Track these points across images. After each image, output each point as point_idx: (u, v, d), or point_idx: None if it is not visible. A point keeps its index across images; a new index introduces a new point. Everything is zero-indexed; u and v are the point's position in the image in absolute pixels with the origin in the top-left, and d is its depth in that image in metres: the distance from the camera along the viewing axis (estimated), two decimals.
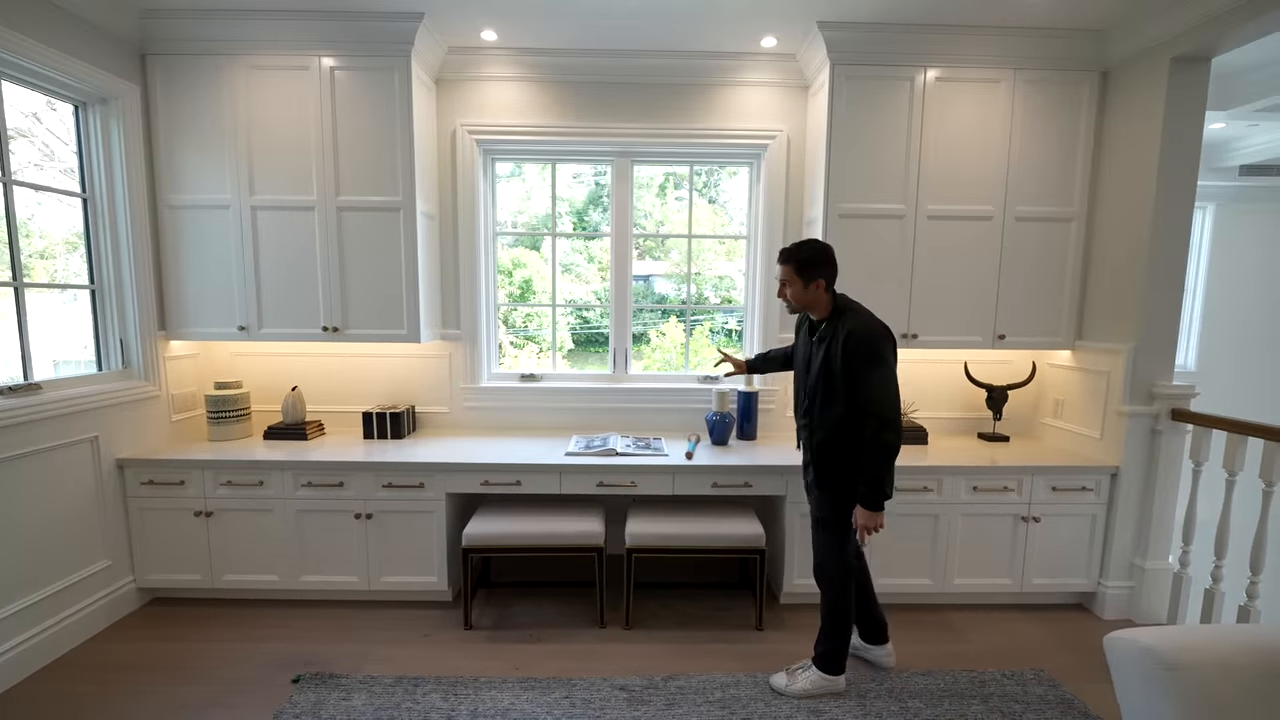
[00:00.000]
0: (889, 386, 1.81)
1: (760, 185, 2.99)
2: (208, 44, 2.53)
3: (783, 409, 3.08)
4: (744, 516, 2.54)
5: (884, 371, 1.81)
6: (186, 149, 2.59)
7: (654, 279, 3.93)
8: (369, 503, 2.50)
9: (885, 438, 1.80)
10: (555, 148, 2.95)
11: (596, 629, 2.46)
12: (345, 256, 2.64)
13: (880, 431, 1.80)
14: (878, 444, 1.81)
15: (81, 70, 2.26)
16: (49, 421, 2.19)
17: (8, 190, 2.15)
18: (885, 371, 1.82)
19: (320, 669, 2.16)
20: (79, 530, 2.32)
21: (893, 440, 1.81)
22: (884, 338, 1.86)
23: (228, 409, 2.77)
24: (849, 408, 1.87)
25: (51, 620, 2.21)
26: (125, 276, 2.51)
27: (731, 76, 2.86)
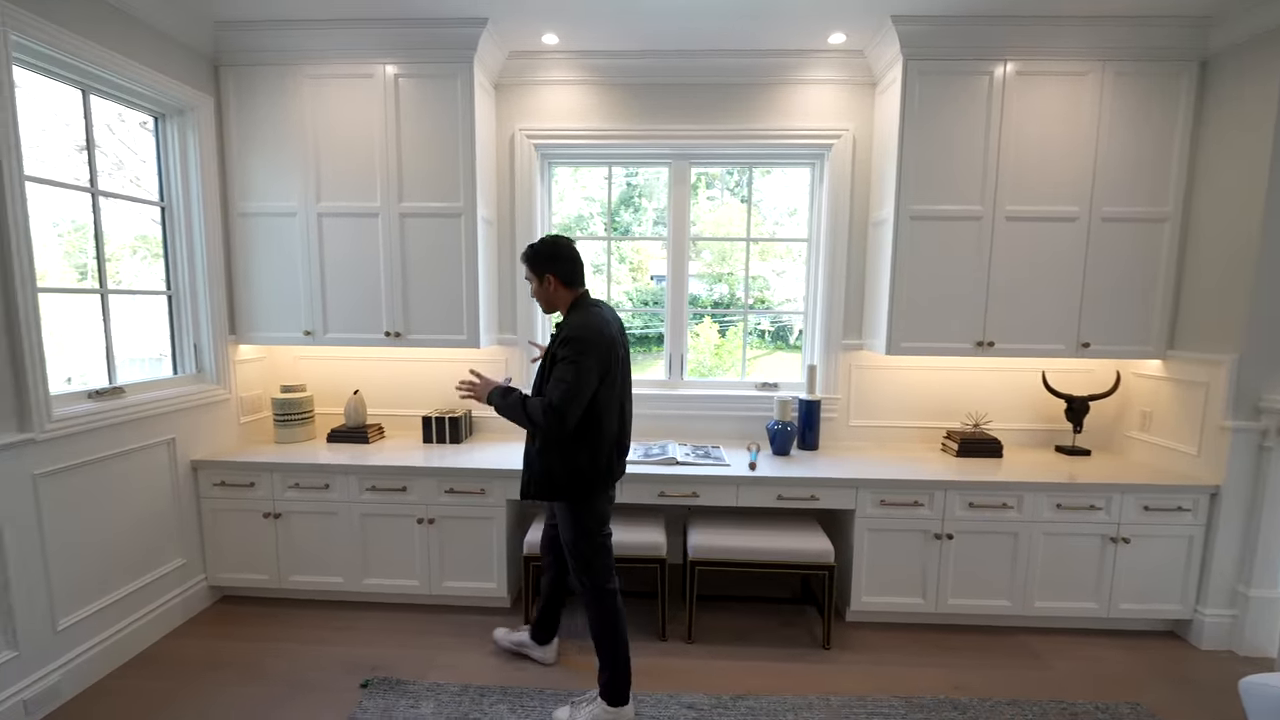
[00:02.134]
0: (573, 384, 1.71)
1: (823, 186, 2.89)
2: (277, 54, 2.58)
3: (845, 418, 2.98)
4: (809, 530, 2.46)
5: (575, 371, 1.71)
6: (256, 157, 2.64)
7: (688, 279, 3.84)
8: (431, 507, 2.51)
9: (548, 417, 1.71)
10: (612, 151, 2.91)
11: (658, 641, 2.41)
12: (407, 262, 2.66)
13: (547, 410, 1.71)
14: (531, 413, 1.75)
15: (162, 83, 2.33)
16: (131, 424, 2.26)
17: (95, 201, 2.22)
18: (570, 373, 1.71)
19: (387, 674, 2.17)
20: (157, 529, 2.39)
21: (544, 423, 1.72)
22: (591, 343, 1.75)
23: (293, 412, 2.82)
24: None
25: (134, 616, 2.28)
26: (199, 282, 2.58)
27: (794, 75, 2.78)
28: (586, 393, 1.74)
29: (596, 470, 1.83)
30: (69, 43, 1.97)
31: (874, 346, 2.76)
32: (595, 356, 1.74)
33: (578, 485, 1.82)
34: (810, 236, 3.00)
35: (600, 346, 1.76)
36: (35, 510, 1.92)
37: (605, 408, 1.81)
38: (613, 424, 1.86)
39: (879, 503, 2.41)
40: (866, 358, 2.93)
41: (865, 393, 2.96)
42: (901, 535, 2.44)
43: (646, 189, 3.40)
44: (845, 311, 2.91)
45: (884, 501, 2.41)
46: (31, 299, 1.87)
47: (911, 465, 2.58)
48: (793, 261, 3.22)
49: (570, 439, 1.79)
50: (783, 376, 3.07)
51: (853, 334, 2.93)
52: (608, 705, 1.88)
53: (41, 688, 1.93)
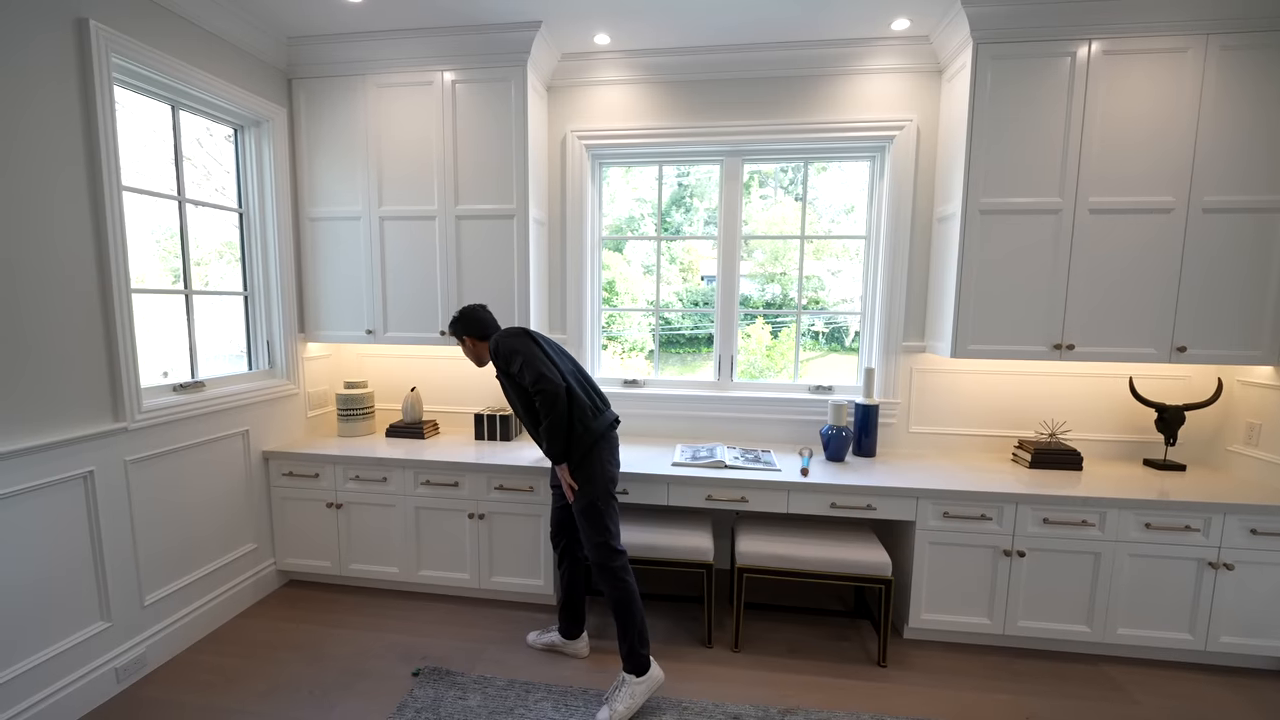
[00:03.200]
0: (527, 359, 1.98)
1: (884, 180, 2.76)
2: (344, 66, 2.70)
3: (905, 423, 2.83)
4: (865, 541, 2.34)
5: (524, 358, 1.98)
6: (324, 165, 2.78)
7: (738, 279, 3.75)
8: (481, 503, 2.56)
9: (545, 394, 1.95)
10: (664, 150, 2.89)
11: (702, 648, 2.36)
12: (462, 263, 2.73)
13: (536, 389, 1.96)
14: (541, 403, 1.97)
15: (242, 97, 2.49)
16: (211, 416, 2.42)
17: (182, 209, 2.39)
18: (519, 355, 1.99)
19: (437, 664, 2.23)
20: (232, 515, 2.55)
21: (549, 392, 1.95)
22: (512, 336, 2.04)
23: (355, 407, 2.95)
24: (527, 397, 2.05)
25: (210, 595, 2.44)
26: (273, 284, 2.74)
27: (853, 65, 2.66)
28: (543, 362, 1.99)
29: (588, 428, 2.04)
30: (162, 62, 2.13)
31: (938, 349, 2.61)
32: (520, 343, 2.02)
33: (583, 443, 2.04)
34: (869, 233, 2.87)
35: (517, 337, 2.04)
36: (126, 493, 2.08)
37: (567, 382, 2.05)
38: (580, 393, 2.08)
39: (942, 515, 2.28)
40: (929, 360, 2.78)
41: (927, 397, 2.80)
42: (967, 550, 2.29)
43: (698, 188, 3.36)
44: (906, 312, 2.76)
45: (948, 514, 2.27)
46: (126, 300, 2.03)
47: (978, 476, 2.42)
48: (849, 260, 3.09)
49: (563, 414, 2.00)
50: (837, 379, 2.95)
51: (914, 336, 2.78)
52: (635, 678, 1.96)
53: (130, 657, 2.09)
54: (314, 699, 2.05)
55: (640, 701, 1.95)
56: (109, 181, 1.96)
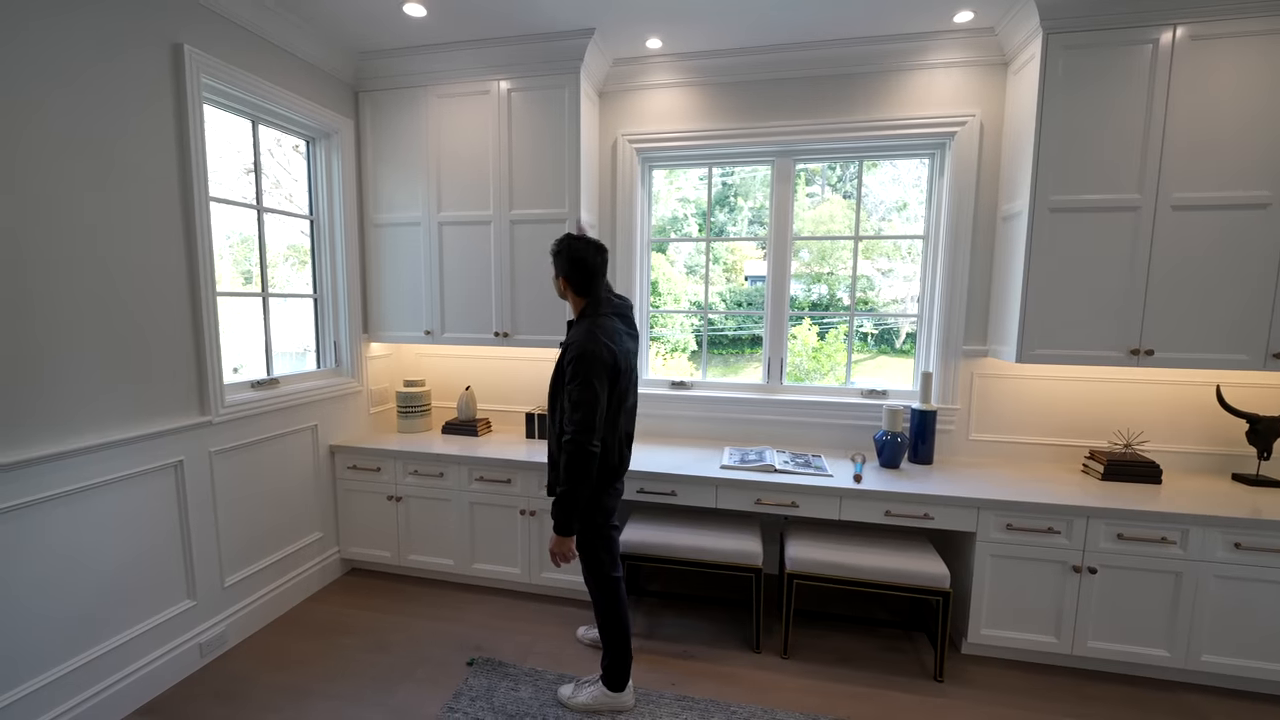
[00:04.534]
0: (588, 407, 1.77)
1: (944, 178, 2.66)
2: (406, 78, 2.82)
3: (964, 430, 2.72)
4: (922, 551, 2.27)
5: (583, 393, 1.78)
6: (387, 173, 2.91)
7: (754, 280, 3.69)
8: (532, 500, 2.62)
9: (576, 457, 1.78)
10: (713, 151, 2.88)
11: (750, 653, 2.34)
12: (516, 267, 2.80)
13: (572, 450, 1.78)
14: (568, 463, 1.79)
15: (316, 111, 2.64)
16: (284, 411, 2.57)
17: (260, 217, 2.56)
18: (585, 394, 1.78)
19: (490, 655, 2.30)
20: (301, 505, 2.71)
21: (581, 459, 1.77)
22: (593, 360, 1.80)
23: (414, 405, 3.07)
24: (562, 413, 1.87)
25: (282, 580, 2.60)
26: (340, 287, 2.89)
27: (913, 60, 2.59)
28: (599, 409, 1.81)
29: (607, 466, 1.92)
30: (245, 81, 2.29)
31: (1001, 353, 2.50)
32: (600, 372, 1.81)
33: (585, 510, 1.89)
34: (927, 233, 2.78)
35: (602, 362, 1.81)
36: (210, 482, 2.24)
37: (615, 410, 1.91)
38: (620, 422, 1.95)
39: (1005, 526, 2.18)
40: (991, 365, 2.66)
41: (989, 404, 2.69)
42: (1032, 565, 2.19)
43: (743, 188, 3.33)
44: (967, 315, 2.66)
45: (1011, 525, 2.17)
46: (212, 302, 2.19)
47: (1045, 487, 2.30)
48: (900, 260, 3.01)
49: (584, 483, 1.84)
50: (889, 383, 2.87)
51: (975, 339, 2.67)
52: (607, 690, 1.99)
53: (212, 634, 2.25)
54: (376, 683, 2.15)
55: (598, 709, 1.98)
56: (198, 192, 2.12)
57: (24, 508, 1.68)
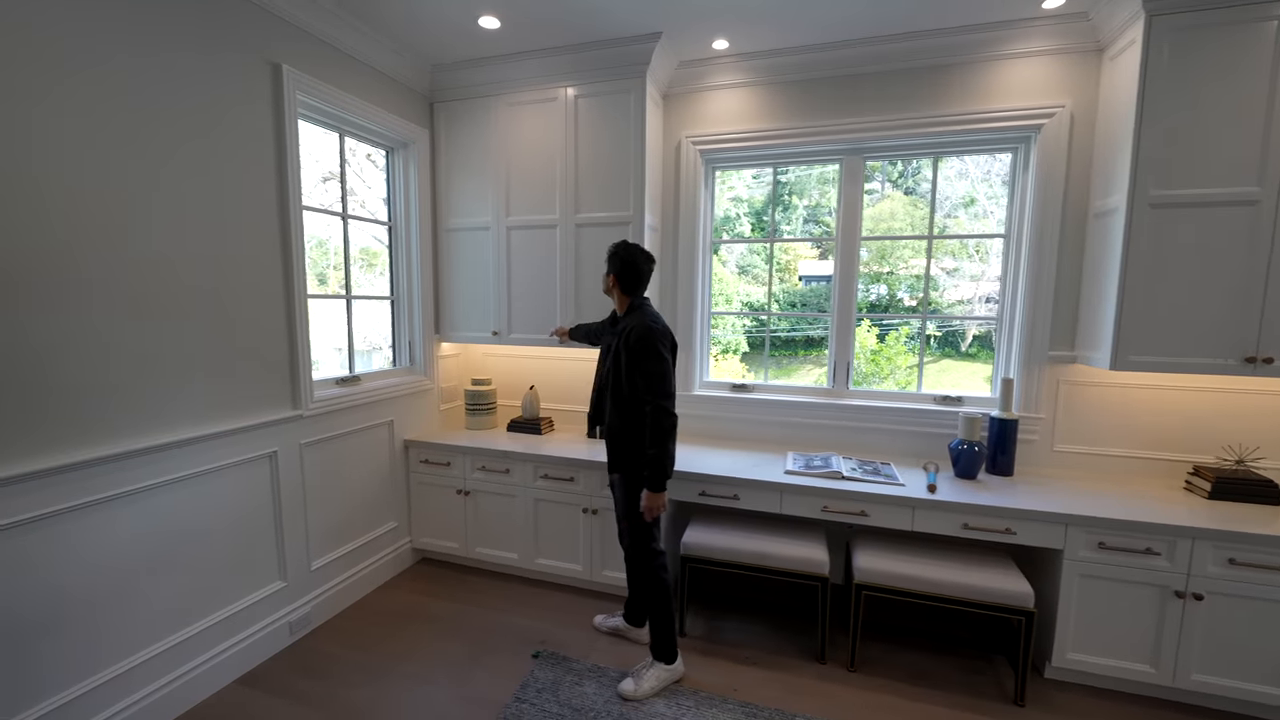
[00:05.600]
0: (664, 377, 2.00)
1: (1029, 173, 2.52)
2: (478, 88, 2.93)
3: (1048, 441, 2.57)
4: (1002, 567, 2.16)
5: (659, 365, 2.00)
6: (459, 180, 3.02)
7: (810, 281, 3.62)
8: (594, 499, 2.66)
9: (663, 421, 1.98)
10: (780, 151, 2.84)
11: (815, 664, 2.29)
12: (580, 269, 2.85)
13: (657, 416, 1.98)
14: (655, 427, 1.99)
15: (395, 122, 2.78)
16: (365, 407, 2.72)
17: (345, 224, 2.72)
18: (660, 365, 2.00)
19: (555, 649, 2.35)
20: (378, 495, 2.85)
21: (667, 423, 1.99)
22: (660, 335, 2.03)
23: (481, 403, 3.18)
24: (634, 397, 2.04)
25: (360, 566, 2.75)
26: (415, 289, 3.03)
27: (994, 50, 2.46)
28: (671, 376, 2.04)
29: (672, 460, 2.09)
30: (334, 96, 2.44)
31: (1093, 360, 2.34)
32: (666, 344, 2.05)
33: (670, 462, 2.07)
34: (1009, 231, 2.64)
35: (668, 336, 2.08)
36: (300, 472, 2.40)
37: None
38: None
39: (1097, 545, 2.04)
40: (1080, 372, 2.50)
41: (1076, 413, 2.52)
42: (1127, 587, 2.04)
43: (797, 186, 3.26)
44: (1054, 318, 2.51)
45: (1104, 544, 2.03)
46: (304, 303, 2.35)
47: (1142, 504, 2.14)
48: (967, 259, 2.87)
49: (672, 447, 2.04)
50: (953, 387, 2.74)
51: (1062, 344, 2.52)
52: (664, 665, 2.12)
53: (299, 614, 2.41)
54: (448, 668, 2.24)
55: (663, 687, 2.09)
56: (293, 200, 2.27)
57: (148, 490, 1.85)
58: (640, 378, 2.03)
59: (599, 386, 2.25)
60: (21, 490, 1.56)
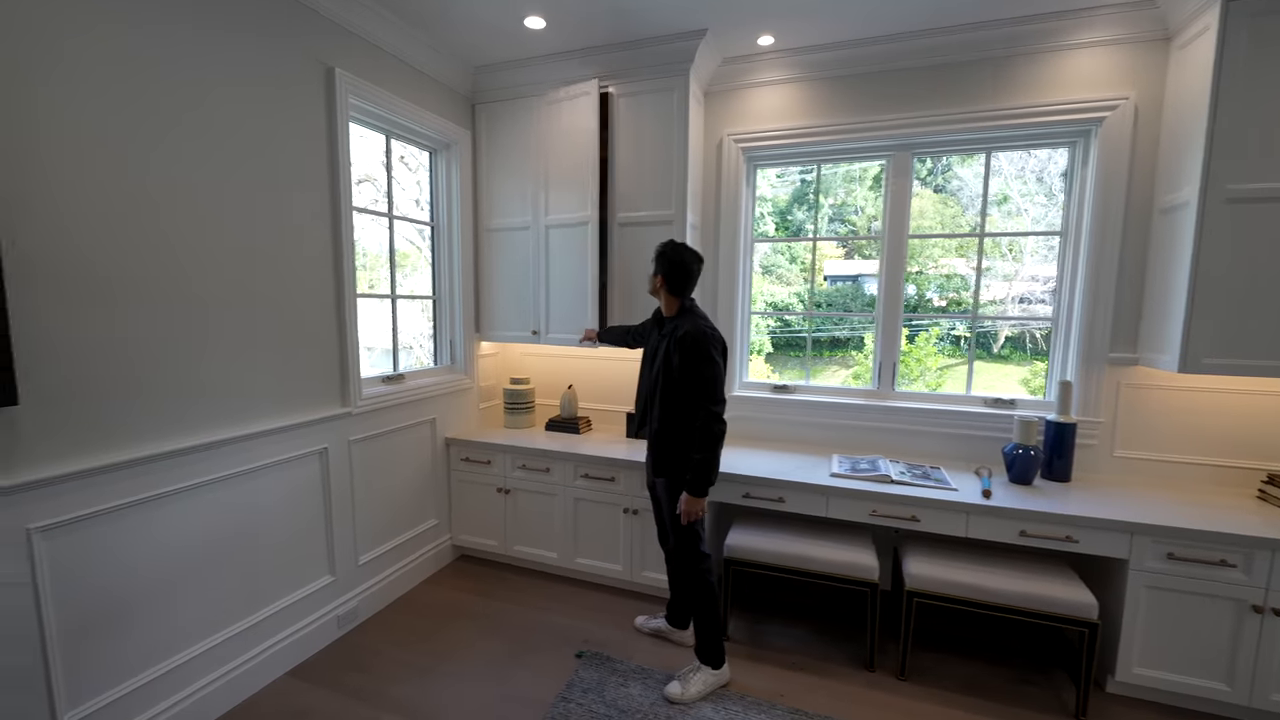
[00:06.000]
0: (716, 382, 1.97)
1: (1089, 168, 2.43)
2: (519, 88, 2.94)
3: (1108, 446, 2.47)
4: (1061, 576, 2.08)
5: (712, 369, 1.97)
6: (499, 179, 3.04)
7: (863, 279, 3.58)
8: (635, 499, 2.65)
9: (714, 428, 1.97)
10: (825, 148, 2.79)
11: (863, 671, 2.24)
12: (621, 269, 2.84)
13: (708, 422, 1.97)
14: (705, 433, 1.97)
15: (440, 124, 2.81)
16: (408, 405, 2.75)
17: (391, 224, 2.75)
18: (713, 370, 1.98)
19: (597, 649, 2.34)
20: (421, 492, 2.89)
21: (717, 429, 1.98)
22: (713, 339, 2.02)
23: (519, 402, 3.20)
24: (684, 400, 2.02)
25: (403, 561, 2.78)
26: (456, 289, 3.06)
27: (1053, 40, 2.38)
28: (722, 381, 2.02)
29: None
30: (383, 98, 2.47)
31: (1159, 362, 2.24)
32: (719, 348, 2.03)
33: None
34: (1065, 228, 2.55)
35: (720, 340, 2.05)
36: (349, 468, 2.44)
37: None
38: None
39: (1166, 555, 1.95)
40: (1143, 375, 2.40)
41: (1138, 417, 2.42)
42: (1199, 600, 1.94)
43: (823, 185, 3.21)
44: (1114, 318, 2.41)
45: (1173, 555, 1.94)
46: (353, 303, 2.38)
47: (1214, 513, 2.04)
48: (1000, 259, 2.79)
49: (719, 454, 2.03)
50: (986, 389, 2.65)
51: (1123, 346, 2.42)
52: (712, 670, 2.10)
53: (347, 609, 2.45)
54: (491, 665, 2.25)
55: (709, 691, 2.07)
56: (344, 203, 2.31)
57: (209, 485, 1.90)
58: (693, 382, 2.01)
59: (647, 389, 2.23)
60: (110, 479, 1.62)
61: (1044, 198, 2.74)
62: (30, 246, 1.47)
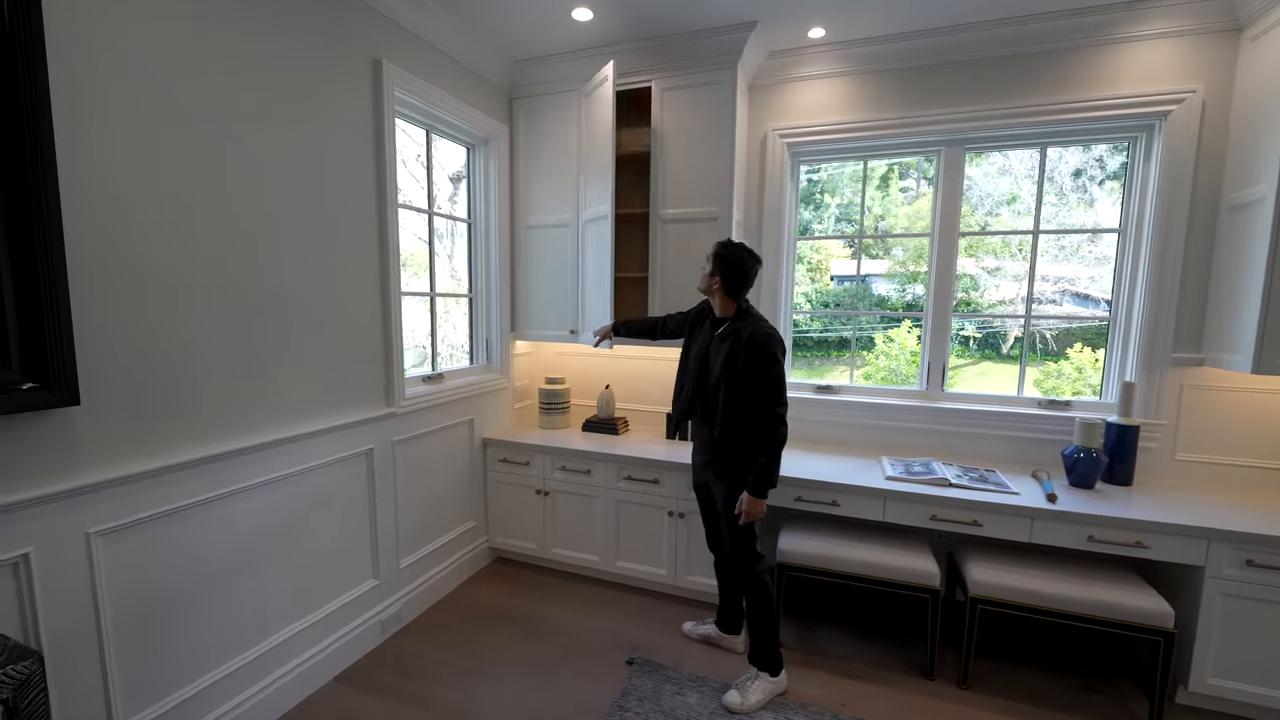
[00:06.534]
0: (782, 386, 1.96)
1: (1153, 164, 2.36)
2: (559, 83, 2.88)
3: (1169, 449, 2.41)
4: (1131, 584, 2.02)
5: (777, 372, 1.95)
6: (537, 176, 2.99)
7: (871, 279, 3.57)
8: (681, 502, 2.60)
9: (779, 431, 1.95)
10: (873, 144, 2.73)
11: (922, 679, 2.19)
12: (663, 266, 2.78)
13: (774, 425, 1.95)
14: (771, 436, 1.95)
15: (479, 118, 2.75)
16: (449, 405, 2.70)
17: (431, 221, 2.71)
18: (779, 373, 1.95)
19: (648, 655, 2.29)
20: (460, 494, 2.84)
21: (782, 432, 1.96)
22: (778, 342, 1.99)
23: (555, 402, 3.15)
24: (748, 403, 1.98)
25: (444, 564, 2.74)
26: (493, 287, 3.01)
27: (1114, 32, 2.31)
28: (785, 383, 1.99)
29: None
30: (426, 92, 2.42)
31: (1229, 363, 2.18)
32: (781, 352, 1.99)
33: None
34: (1124, 225, 2.48)
35: (781, 343, 2.02)
36: (393, 469, 2.39)
37: None
38: None
39: (1244, 563, 1.89)
40: (1208, 376, 2.33)
41: (1202, 419, 2.36)
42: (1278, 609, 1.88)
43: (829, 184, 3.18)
44: (1177, 318, 2.35)
45: (1253, 562, 1.88)
46: (398, 301, 2.34)
47: None
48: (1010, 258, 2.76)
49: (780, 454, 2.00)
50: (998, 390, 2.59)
51: (1185, 346, 2.35)
52: (771, 678, 2.06)
53: (391, 612, 2.41)
54: (536, 669, 2.20)
55: (769, 699, 2.02)
56: (390, 197, 2.26)
57: (259, 487, 1.86)
58: (757, 385, 1.97)
59: (693, 388, 2.18)
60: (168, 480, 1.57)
61: (1054, 197, 2.73)
62: (91, 242, 1.42)
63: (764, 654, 2.07)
